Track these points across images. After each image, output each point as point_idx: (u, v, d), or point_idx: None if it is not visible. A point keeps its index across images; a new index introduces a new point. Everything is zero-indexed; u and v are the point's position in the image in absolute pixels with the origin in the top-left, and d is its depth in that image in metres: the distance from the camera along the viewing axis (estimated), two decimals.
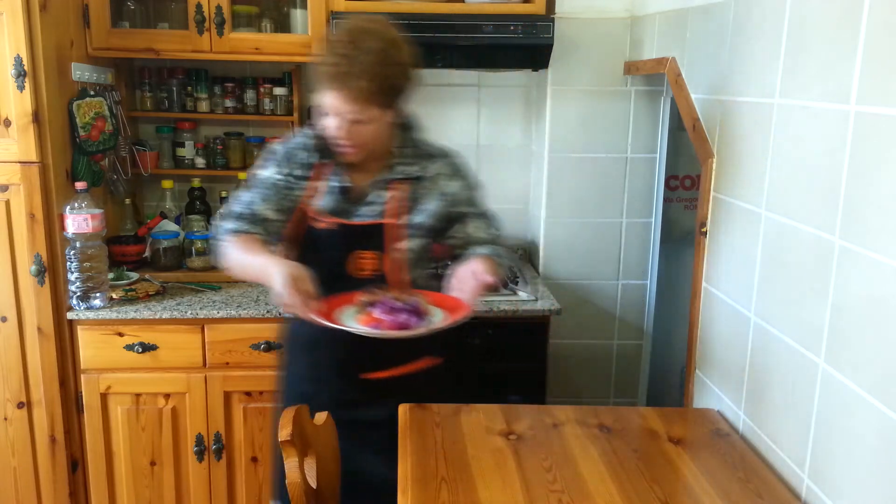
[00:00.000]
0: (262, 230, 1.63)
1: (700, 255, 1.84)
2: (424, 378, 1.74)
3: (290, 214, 1.66)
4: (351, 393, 1.70)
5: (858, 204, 1.19)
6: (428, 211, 1.68)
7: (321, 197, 1.65)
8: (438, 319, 1.52)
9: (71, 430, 2.28)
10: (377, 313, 1.49)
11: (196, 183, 2.68)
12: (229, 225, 1.62)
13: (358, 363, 1.68)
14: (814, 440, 1.32)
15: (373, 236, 1.64)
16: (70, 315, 2.20)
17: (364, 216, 1.64)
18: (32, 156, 2.09)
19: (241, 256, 1.57)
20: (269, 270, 1.44)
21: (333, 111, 1.54)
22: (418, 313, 1.50)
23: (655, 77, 2.47)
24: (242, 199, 1.66)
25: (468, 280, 1.51)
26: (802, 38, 1.37)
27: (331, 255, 1.62)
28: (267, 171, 1.67)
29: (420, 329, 1.47)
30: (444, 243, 1.75)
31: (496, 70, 2.74)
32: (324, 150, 1.66)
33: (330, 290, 1.52)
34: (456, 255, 1.74)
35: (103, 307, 2.22)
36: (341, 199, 1.65)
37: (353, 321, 1.50)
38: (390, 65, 1.52)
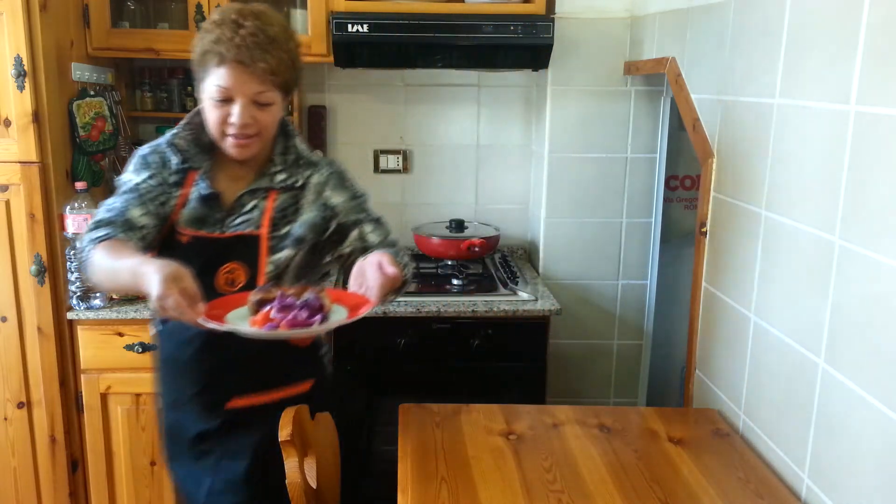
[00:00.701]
0: (136, 238, 1.43)
1: (700, 255, 1.84)
2: (298, 404, 1.50)
3: (165, 223, 1.49)
4: (213, 423, 1.53)
5: (858, 204, 1.19)
6: (307, 223, 1.53)
7: (188, 206, 1.50)
8: (340, 317, 1.34)
9: (71, 430, 2.28)
10: (272, 313, 1.30)
11: None
12: (98, 233, 1.40)
13: (223, 389, 1.52)
14: (814, 440, 1.32)
15: (246, 249, 1.48)
16: (70, 315, 2.20)
17: (236, 227, 1.49)
18: (32, 156, 2.09)
19: (109, 262, 1.32)
20: (143, 271, 1.21)
21: (236, 92, 1.40)
22: (317, 310, 1.33)
23: (655, 77, 2.47)
24: (114, 206, 1.46)
25: (370, 274, 1.34)
26: (802, 38, 1.37)
27: (197, 270, 1.29)
28: (139, 177, 1.50)
29: (321, 326, 1.30)
30: (338, 255, 1.60)
31: (496, 70, 2.74)
32: (194, 153, 1.53)
33: None
34: (352, 263, 1.56)
35: (103, 307, 2.22)
36: (209, 209, 1.50)
37: (246, 324, 1.31)
38: (293, 42, 1.45)
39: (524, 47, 2.39)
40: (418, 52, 2.44)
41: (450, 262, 2.60)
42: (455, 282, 2.46)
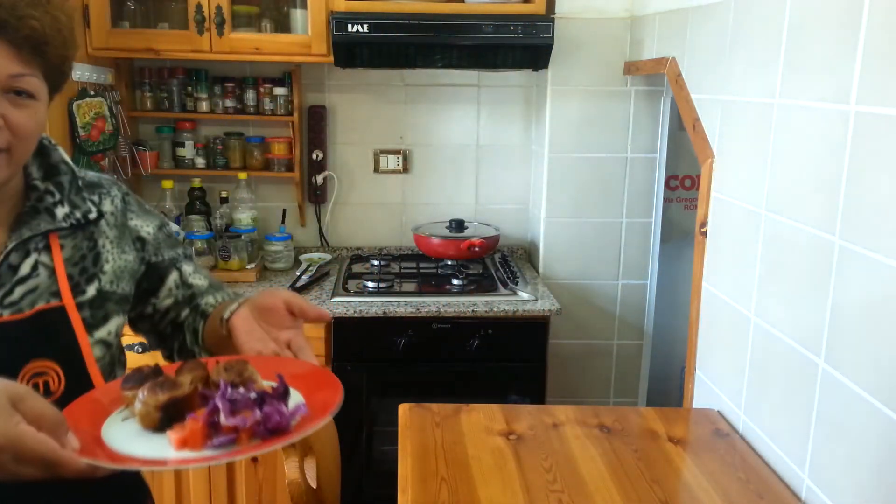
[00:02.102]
0: None
1: (700, 255, 1.84)
2: None
3: None
4: None
5: (858, 204, 1.19)
6: (124, 270, 1.07)
7: None
8: (301, 402, 0.85)
9: None
10: (224, 417, 0.79)
11: (196, 183, 2.68)
12: None
13: None
14: (814, 440, 1.32)
15: (48, 334, 0.96)
16: None
17: (16, 305, 0.95)
18: None
19: None
20: None
21: None
22: (276, 398, 0.83)
23: (655, 77, 2.47)
24: None
25: (286, 324, 0.99)
26: (802, 38, 1.37)
27: None
28: None
29: (314, 424, 0.81)
30: (150, 312, 1.15)
31: (496, 70, 2.74)
32: None
33: None
34: (174, 321, 1.17)
35: None
36: None
37: (162, 444, 0.80)
38: (67, 9, 0.95)
39: (524, 47, 2.39)
40: (418, 52, 2.44)
41: (450, 262, 2.60)
42: (455, 282, 2.47)
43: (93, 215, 1.04)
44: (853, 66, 1.19)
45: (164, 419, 0.82)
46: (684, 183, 2.78)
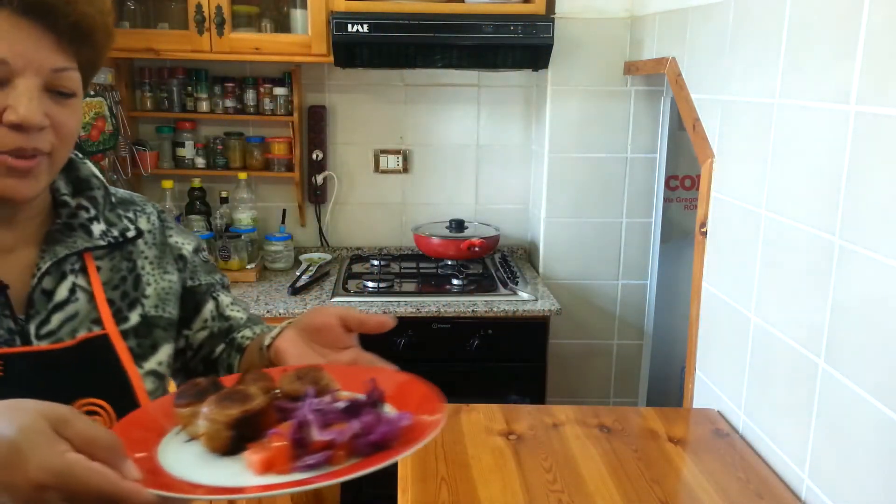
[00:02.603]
0: None
1: (700, 255, 1.84)
2: None
3: None
4: None
5: (858, 204, 1.19)
6: (170, 292, 0.97)
7: None
8: (389, 409, 0.73)
9: None
10: (315, 433, 0.66)
11: (196, 183, 2.68)
12: None
13: None
14: (814, 440, 1.32)
15: (94, 369, 0.85)
16: None
17: (56, 335, 0.83)
18: None
19: None
20: None
21: (20, 63, 0.75)
22: (365, 408, 0.70)
23: (655, 77, 2.47)
24: None
25: (336, 339, 0.85)
26: (802, 38, 1.37)
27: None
28: None
29: (425, 435, 0.68)
30: (181, 345, 1.01)
31: (496, 70, 2.74)
32: None
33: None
34: (206, 358, 1.03)
35: None
36: None
37: (236, 468, 0.66)
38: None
39: (524, 47, 2.39)
40: (418, 52, 2.44)
41: (450, 262, 2.60)
42: (455, 282, 2.47)
43: (131, 233, 0.93)
44: (853, 66, 1.19)
45: (235, 439, 0.67)
46: (684, 183, 2.78)
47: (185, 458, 0.68)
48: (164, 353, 0.94)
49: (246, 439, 0.67)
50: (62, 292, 0.85)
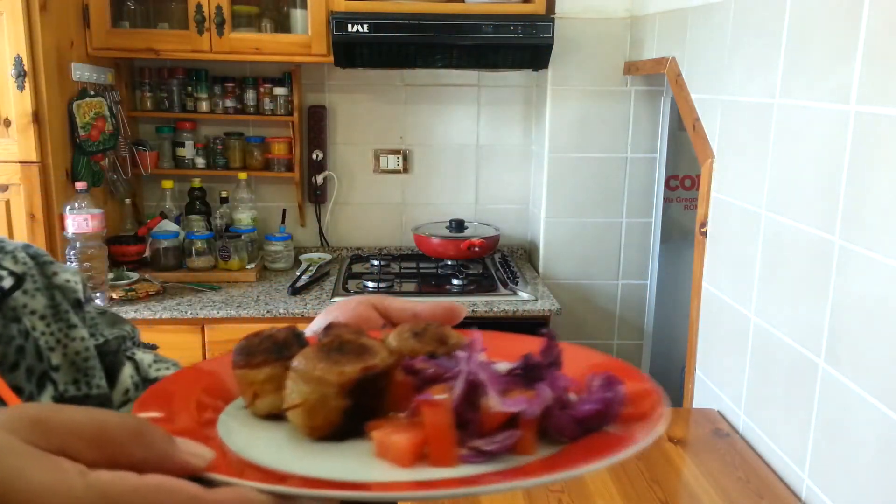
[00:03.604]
0: None
1: (700, 255, 1.84)
2: None
3: None
4: None
5: (858, 204, 1.19)
6: (87, 354, 0.65)
7: None
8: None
9: None
10: (491, 394, 0.41)
11: (196, 183, 2.67)
12: None
13: None
14: (814, 440, 1.32)
15: None
16: None
17: None
18: (32, 156, 2.09)
19: None
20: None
21: None
22: (547, 368, 0.47)
23: (655, 77, 2.47)
24: None
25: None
26: (802, 38, 1.37)
27: None
28: None
29: (653, 418, 0.43)
30: None
31: (496, 70, 2.74)
32: None
33: None
34: None
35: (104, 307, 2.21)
36: None
37: (361, 457, 0.41)
38: None
39: (524, 47, 2.39)
40: (418, 52, 2.44)
41: (450, 262, 2.60)
42: (455, 282, 2.46)
43: (6, 282, 0.60)
44: (853, 66, 1.19)
45: (350, 412, 0.43)
46: (684, 183, 2.78)
47: (264, 444, 0.43)
48: None
49: (359, 415, 0.44)
50: None
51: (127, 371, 0.70)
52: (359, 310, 0.61)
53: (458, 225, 2.67)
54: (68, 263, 2.18)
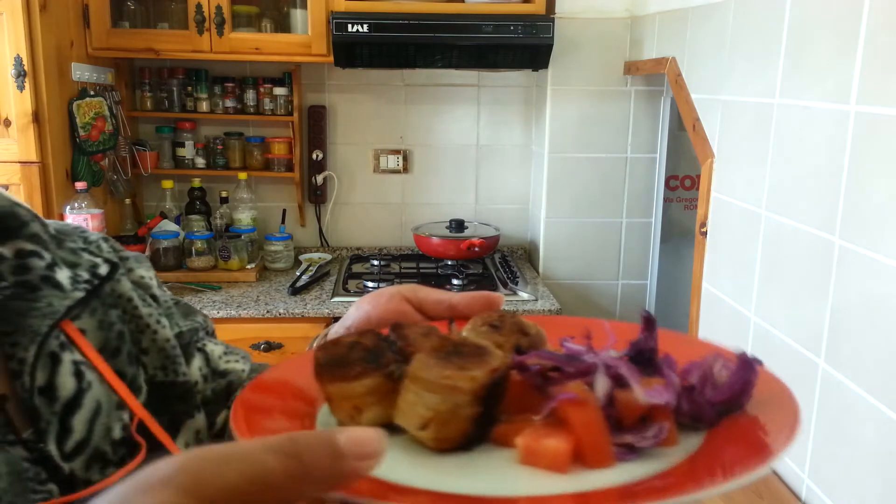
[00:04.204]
0: None
1: (700, 255, 1.84)
2: None
3: None
4: None
5: (858, 204, 1.19)
6: (175, 343, 0.67)
7: None
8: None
9: None
10: (633, 384, 0.40)
11: (196, 183, 2.67)
12: None
13: None
14: (814, 440, 1.32)
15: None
16: None
17: (87, 447, 0.55)
18: (32, 156, 2.09)
19: None
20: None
21: None
22: (649, 352, 0.44)
23: (655, 77, 2.47)
24: None
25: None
26: (802, 38, 1.37)
27: None
28: None
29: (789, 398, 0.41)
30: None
31: (496, 70, 2.74)
32: None
33: None
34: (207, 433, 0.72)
35: None
36: None
37: (496, 467, 0.39)
38: None
39: (524, 47, 2.39)
40: (418, 52, 2.44)
41: (450, 262, 2.60)
42: (455, 282, 2.46)
43: (102, 269, 0.62)
44: (853, 66, 1.19)
45: (481, 421, 0.40)
46: (684, 183, 2.78)
47: (390, 459, 0.34)
48: (200, 420, 0.67)
49: (486, 422, 0.41)
50: (66, 383, 0.55)
51: (196, 363, 0.70)
52: (392, 304, 0.58)
53: (458, 225, 2.67)
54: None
